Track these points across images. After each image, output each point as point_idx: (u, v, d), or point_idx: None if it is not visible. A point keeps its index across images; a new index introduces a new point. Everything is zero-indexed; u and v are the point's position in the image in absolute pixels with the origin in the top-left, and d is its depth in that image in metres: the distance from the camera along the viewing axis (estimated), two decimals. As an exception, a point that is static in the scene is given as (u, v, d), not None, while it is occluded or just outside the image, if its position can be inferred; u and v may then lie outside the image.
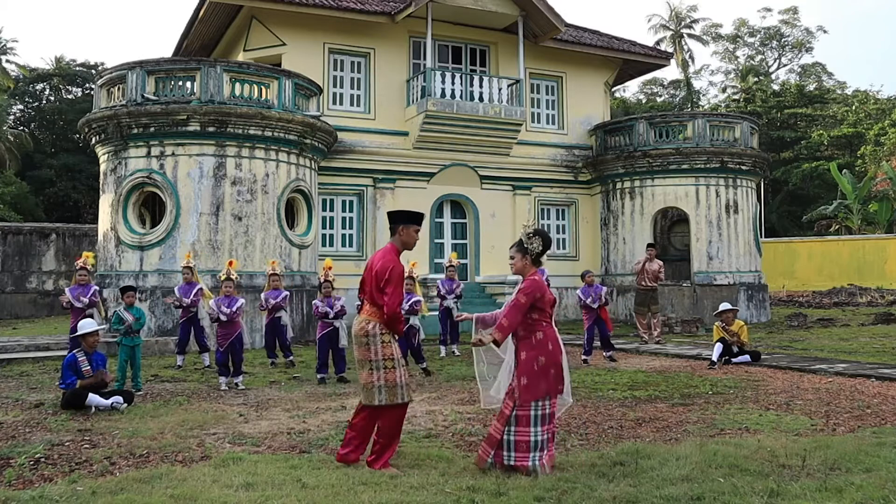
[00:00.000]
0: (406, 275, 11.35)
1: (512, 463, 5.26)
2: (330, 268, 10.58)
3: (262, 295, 12.21)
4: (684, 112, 29.47)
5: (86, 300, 11.23)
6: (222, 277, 10.29)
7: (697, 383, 9.52)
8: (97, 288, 11.67)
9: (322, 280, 10.47)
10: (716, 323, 11.81)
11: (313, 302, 10.42)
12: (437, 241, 19.78)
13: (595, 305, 12.19)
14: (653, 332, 15.00)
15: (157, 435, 6.70)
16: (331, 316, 10.20)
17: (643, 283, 15.22)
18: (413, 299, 10.96)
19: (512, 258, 5.61)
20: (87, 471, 5.54)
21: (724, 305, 11.95)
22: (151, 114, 14.77)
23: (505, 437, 5.29)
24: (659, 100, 53.71)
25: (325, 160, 17.92)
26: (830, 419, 7.22)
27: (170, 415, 7.68)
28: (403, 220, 5.64)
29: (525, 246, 5.49)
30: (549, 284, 6.60)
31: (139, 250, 14.87)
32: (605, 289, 12.62)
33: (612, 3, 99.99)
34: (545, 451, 5.31)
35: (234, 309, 9.81)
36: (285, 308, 12.13)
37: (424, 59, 19.34)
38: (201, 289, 11.94)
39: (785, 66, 54.26)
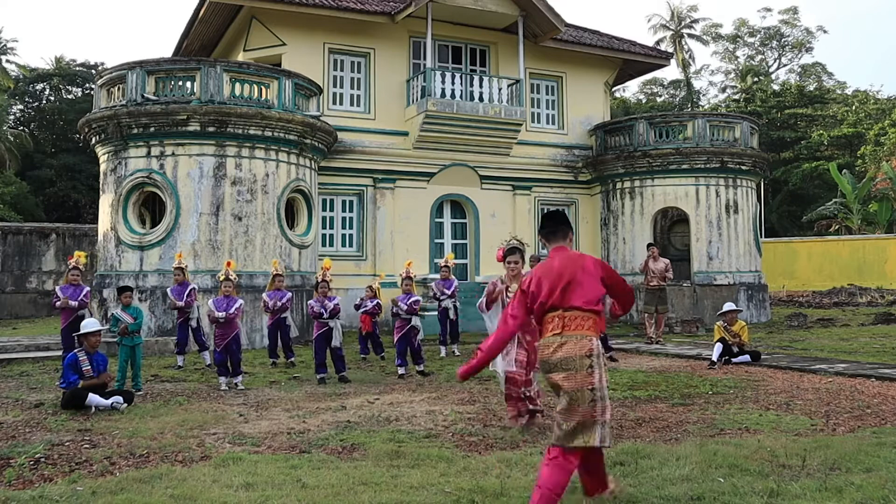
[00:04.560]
0: (404, 275, 11.40)
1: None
2: (328, 268, 10.59)
3: (264, 295, 12.17)
4: (684, 112, 29.49)
5: (76, 302, 11.05)
6: (221, 278, 10.27)
7: (697, 383, 9.51)
8: (88, 289, 11.58)
9: (319, 280, 10.45)
10: (717, 322, 11.82)
11: (308, 302, 10.40)
12: (437, 241, 19.77)
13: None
14: (655, 330, 14.97)
15: (157, 435, 6.70)
16: (325, 316, 10.22)
17: (649, 282, 15.20)
18: (412, 299, 10.94)
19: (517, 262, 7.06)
20: (87, 471, 5.54)
21: (728, 306, 11.96)
22: (151, 114, 14.76)
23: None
24: (659, 100, 53.71)
25: (325, 160, 17.92)
26: (830, 419, 7.21)
27: (170, 415, 7.68)
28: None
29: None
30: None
31: (139, 250, 14.86)
32: None
33: (612, 3, 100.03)
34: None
35: (231, 310, 9.76)
36: (290, 308, 12.19)
37: (424, 59, 19.33)
38: (194, 289, 12.03)
39: (785, 66, 54.33)
